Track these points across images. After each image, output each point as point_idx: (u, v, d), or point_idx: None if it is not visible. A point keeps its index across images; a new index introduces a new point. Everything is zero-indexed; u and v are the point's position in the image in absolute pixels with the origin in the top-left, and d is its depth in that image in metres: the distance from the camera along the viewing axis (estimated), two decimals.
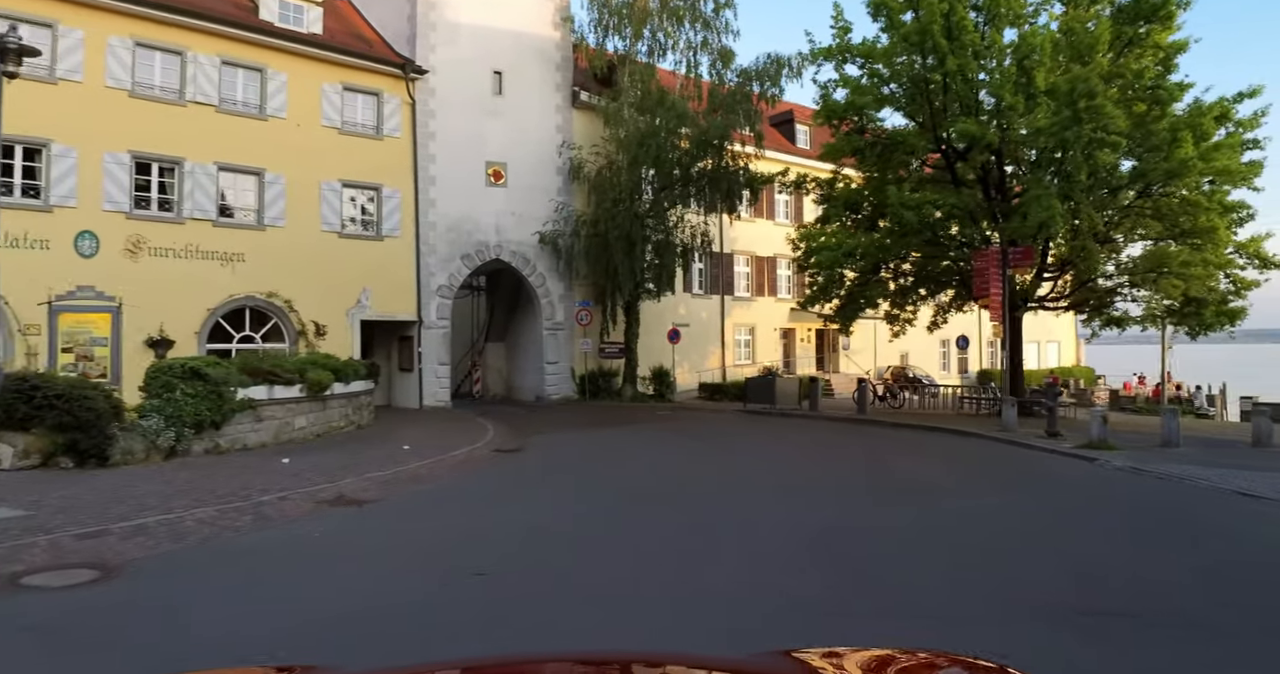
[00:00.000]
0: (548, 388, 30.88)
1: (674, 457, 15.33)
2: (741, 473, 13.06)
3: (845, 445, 16.96)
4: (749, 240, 37.69)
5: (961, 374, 47.48)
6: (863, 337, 41.49)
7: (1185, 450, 15.02)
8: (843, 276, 26.45)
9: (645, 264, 30.16)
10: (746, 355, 37.98)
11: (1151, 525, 8.91)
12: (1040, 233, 19.55)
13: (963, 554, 7.52)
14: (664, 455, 15.47)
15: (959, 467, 13.89)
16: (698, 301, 35.98)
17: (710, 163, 29.52)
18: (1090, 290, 24.18)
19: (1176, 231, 20.86)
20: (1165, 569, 6.91)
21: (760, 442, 17.84)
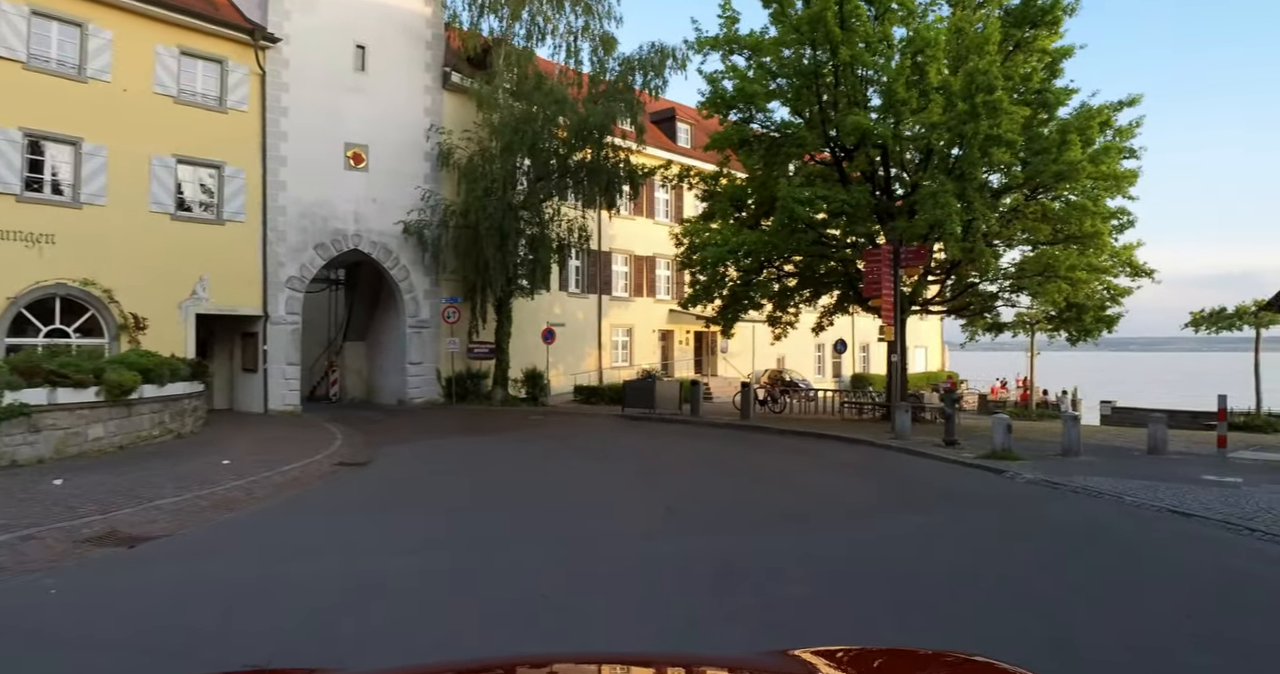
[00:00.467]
0: (410, 390, 28.43)
1: (545, 471, 13.43)
2: (624, 492, 11.31)
3: (735, 455, 15.50)
4: (628, 239, 36.13)
5: (836, 378, 47.32)
6: (741, 339, 40.55)
7: (1088, 460, 14.20)
8: (725, 276, 25.20)
9: (519, 259, 28.15)
10: (624, 357, 36.41)
11: (1105, 558, 7.64)
12: (933, 233, 18.68)
13: (909, 594, 6.00)
14: (533, 470, 13.55)
15: (864, 480, 12.54)
16: (574, 301, 34.16)
17: (589, 154, 27.75)
18: (973, 294, 23.67)
19: (1062, 236, 20.40)
20: (1158, 628, 5.54)
21: (641, 451, 16.20)
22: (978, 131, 17.60)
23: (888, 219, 20.50)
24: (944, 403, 16.46)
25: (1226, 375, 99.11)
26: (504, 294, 28.59)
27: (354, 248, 27.34)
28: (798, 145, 21.04)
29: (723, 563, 7.01)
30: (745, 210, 24.01)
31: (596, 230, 34.64)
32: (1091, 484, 11.39)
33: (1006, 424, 14.21)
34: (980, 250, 18.84)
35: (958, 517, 9.44)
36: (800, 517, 9.38)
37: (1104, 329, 21.68)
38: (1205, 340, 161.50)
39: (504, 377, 28.88)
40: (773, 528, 8.65)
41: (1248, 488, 11.39)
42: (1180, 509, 9.63)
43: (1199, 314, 27.58)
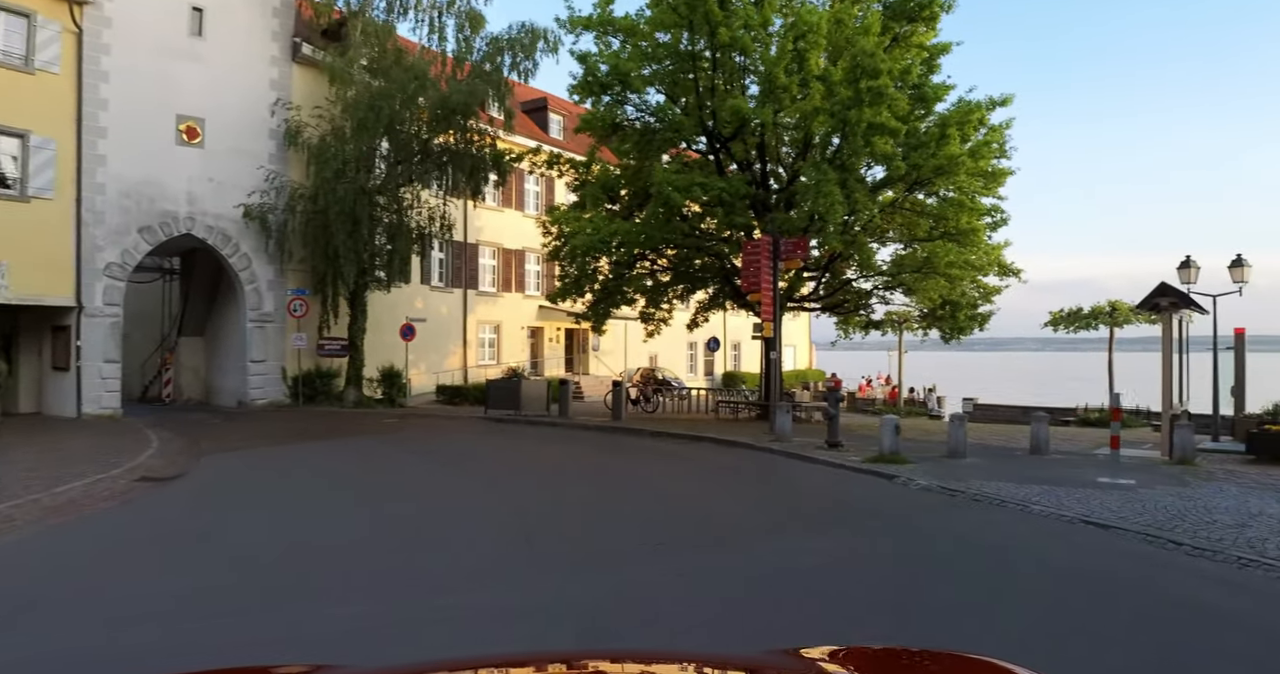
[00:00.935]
0: (252, 391, 25.69)
1: (386, 488, 11.51)
2: (476, 513, 9.59)
3: (607, 462, 13.97)
4: (496, 231, 34.14)
5: (708, 376, 46.60)
6: (614, 337, 39.17)
7: (975, 462, 13.38)
8: (595, 270, 23.75)
9: (375, 249, 25.86)
10: (491, 355, 34.41)
11: (1058, 593, 6.51)
12: (813, 224, 17.75)
13: None
14: (373, 486, 11.63)
15: (750, 490, 11.22)
16: (437, 295, 31.94)
17: (453, 137, 25.71)
18: (849, 292, 23.02)
19: (939, 232, 19.86)
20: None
21: (502, 459, 14.48)
22: (861, 119, 16.71)
23: (765, 211, 19.51)
24: (827, 403, 15.40)
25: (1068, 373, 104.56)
26: (358, 286, 26.24)
27: (186, 232, 24.43)
28: (674, 131, 19.74)
29: (590, 623, 5.45)
30: (619, 202, 22.60)
31: (462, 221, 32.57)
32: (990, 491, 10.44)
33: (895, 425, 13.21)
34: (861, 243, 18.00)
35: (861, 539, 8.18)
36: (685, 542, 7.93)
37: (976, 327, 21.36)
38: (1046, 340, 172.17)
39: (358, 376, 26.50)
40: (652, 561, 7.16)
41: (1144, 490, 10.70)
42: (1093, 519, 8.72)
43: (1058, 314, 27.91)
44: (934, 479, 11.36)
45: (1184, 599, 6.23)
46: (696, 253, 20.92)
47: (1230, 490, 11.05)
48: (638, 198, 20.48)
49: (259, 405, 25.38)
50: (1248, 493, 10.90)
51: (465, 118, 24.85)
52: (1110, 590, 6.40)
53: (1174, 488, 11.07)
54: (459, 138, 25.46)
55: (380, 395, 27.17)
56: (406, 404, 27.10)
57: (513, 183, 34.23)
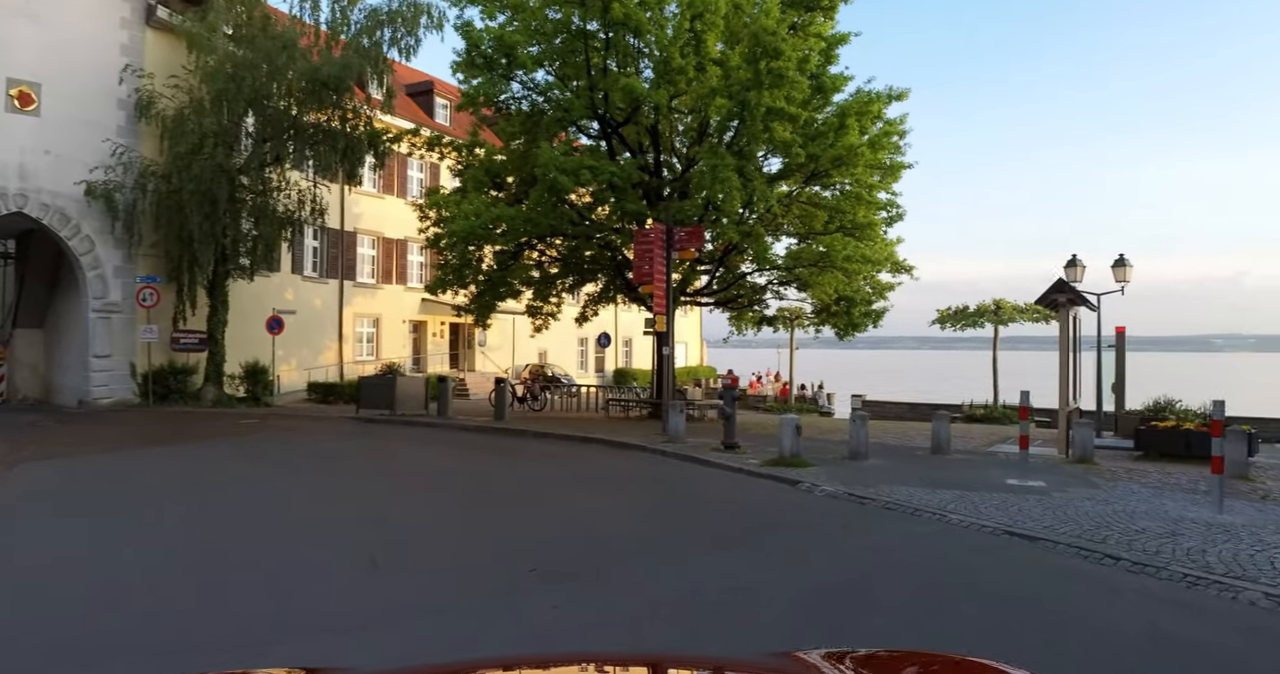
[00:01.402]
0: (95, 389, 23.05)
1: (223, 502, 9.77)
2: (319, 533, 8.00)
3: (485, 468, 12.49)
4: (376, 219, 32.02)
5: (599, 373, 45.44)
6: (501, 332, 37.55)
7: (879, 463, 12.52)
8: (478, 259, 22.19)
9: (237, 233, 23.59)
10: (370, 351, 32.29)
11: (1003, 622, 5.51)
12: (709, 212, 16.71)
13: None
14: (207, 499, 9.85)
15: (640, 499, 9.94)
16: (311, 286, 29.68)
17: (327, 115, 23.63)
18: (743, 286, 22.15)
19: (835, 226, 19.14)
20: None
21: (368, 464, 12.82)
22: (760, 102, 15.72)
23: (659, 200, 18.41)
24: (723, 402, 14.29)
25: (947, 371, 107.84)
26: (218, 274, 23.92)
27: (17, 211, 21.67)
28: (563, 113, 18.36)
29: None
30: (505, 188, 21.07)
31: (339, 207, 30.41)
32: (902, 497, 9.52)
33: (795, 425, 12.18)
34: (757, 235, 17.06)
35: (768, 559, 7.06)
36: (565, 566, 6.63)
37: (870, 323, 20.81)
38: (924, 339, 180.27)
39: (218, 372, 24.15)
40: (533, 595, 5.81)
41: (1057, 494, 9.97)
42: (1017, 530, 7.86)
43: (945, 312, 27.86)
44: (839, 484, 10.40)
45: (1141, 630, 5.31)
46: (586, 243, 19.59)
47: (1140, 492, 10.47)
48: (525, 185, 18.99)
49: (103, 405, 22.78)
50: (1159, 495, 10.32)
51: (339, 94, 22.84)
52: (1059, 621, 5.43)
53: (1085, 490, 10.42)
54: (331, 115, 23.42)
55: (244, 394, 24.88)
56: (273, 403, 24.89)
57: (394, 169, 32.21)
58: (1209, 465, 14.21)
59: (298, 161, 24.37)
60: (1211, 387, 24.69)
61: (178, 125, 22.36)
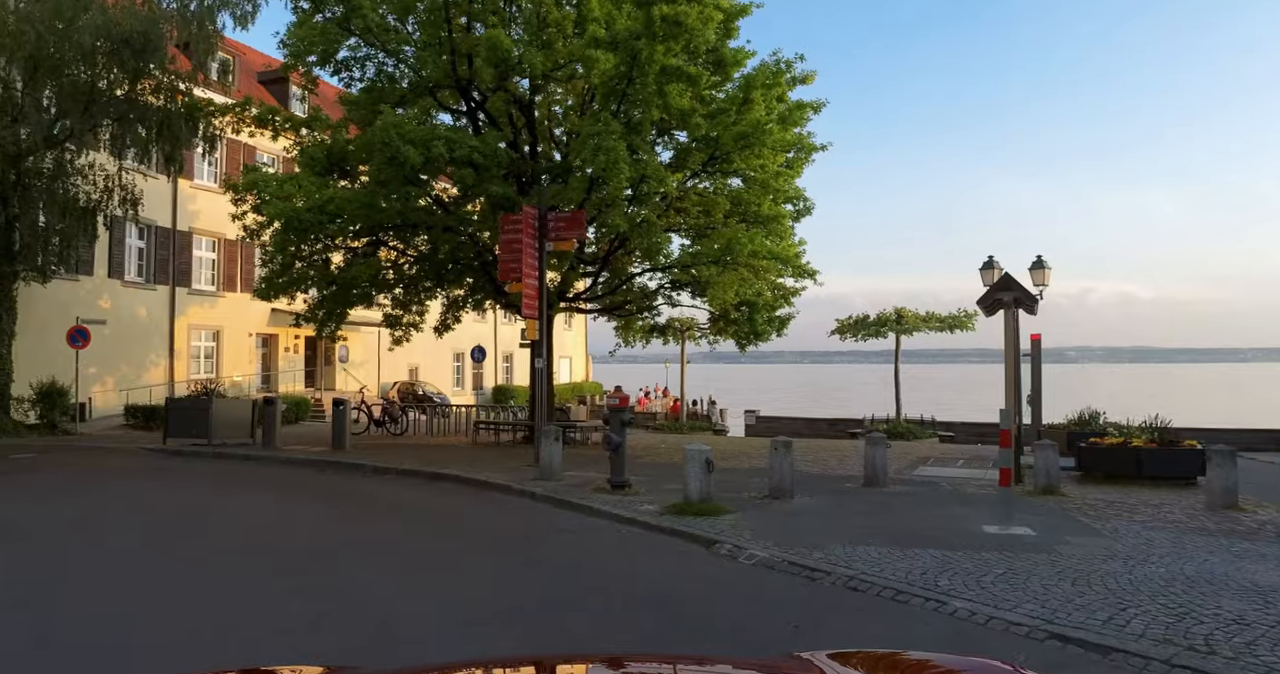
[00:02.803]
0: None
1: None
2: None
3: (288, 522, 8.75)
4: (215, 218, 27.41)
5: (477, 391, 41.61)
6: (365, 347, 33.37)
7: (809, 504, 9.50)
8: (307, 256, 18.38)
9: (30, 226, 19.08)
10: (209, 368, 27.69)
11: None
12: (593, 194, 13.58)
13: None
14: None
15: (485, 579, 6.36)
16: (133, 293, 24.99)
17: (138, 86, 19.31)
18: (631, 291, 19.06)
19: (735, 219, 16.25)
20: None
21: (130, 520, 8.86)
22: (653, 56, 12.71)
23: (532, 186, 15.18)
24: (610, 428, 10.94)
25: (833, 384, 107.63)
26: (3, 275, 19.32)
27: None
28: (417, 76, 14.87)
29: None
30: (352, 177, 17.32)
31: (170, 202, 25.93)
32: (865, 566, 6.45)
33: (706, 459, 9.08)
34: (650, 225, 13.99)
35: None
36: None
37: (774, 331, 18.03)
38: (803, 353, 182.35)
39: (1, 395, 19.45)
40: None
41: (1065, 548, 6.98)
42: (1066, 630, 4.83)
43: (845, 322, 25.50)
44: (771, 543, 7.31)
45: None
46: (446, 236, 16.04)
47: (1156, 538, 7.74)
48: (378, 173, 15.21)
49: None
50: (1180, 541, 7.54)
51: (145, 57, 18.58)
52: None
53: (1088, 539, 7.67)
54: (141, 86, 19.14)
55: (37, 419, 20.19)
56: (75, 431, 20.28)
57: (239, 161, 27.87)
58: (1175, 487, 12.12)
59: (101, 141, 19.97)
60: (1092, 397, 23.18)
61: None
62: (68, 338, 20.25)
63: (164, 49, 18.66)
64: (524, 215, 12.18)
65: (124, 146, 20.12)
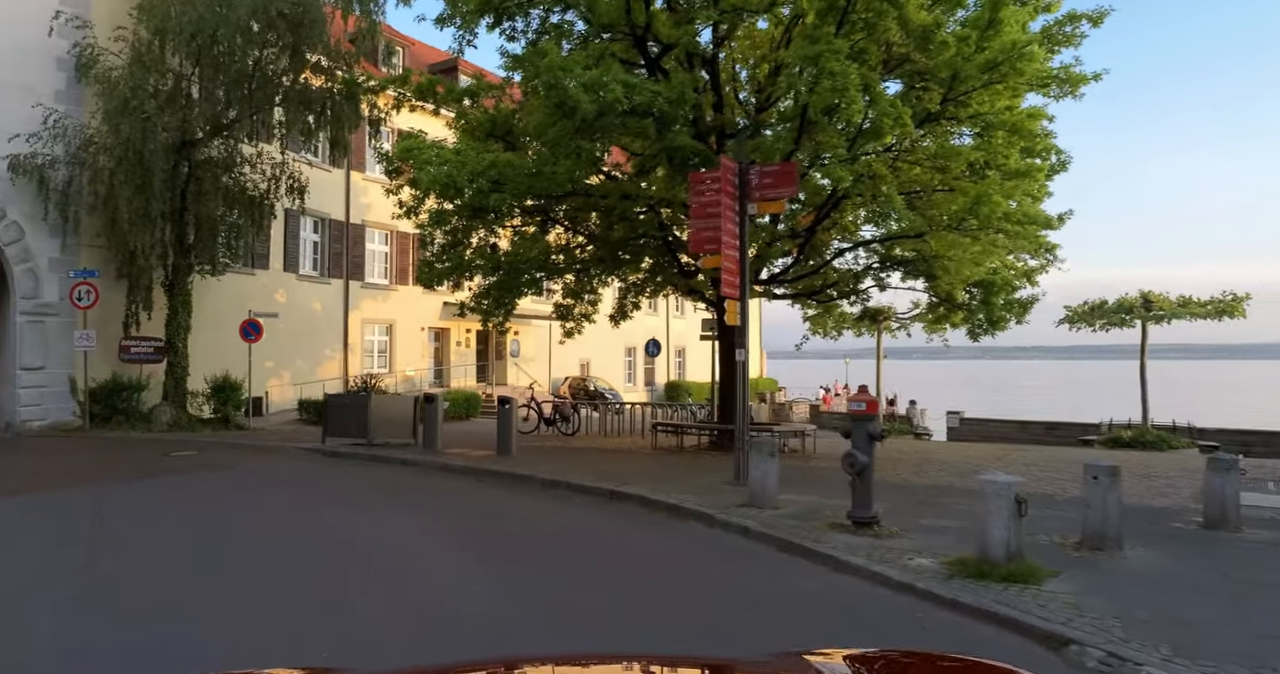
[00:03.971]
0: (24, 410, 17.91)
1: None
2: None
3: (419, 565, 6.66)
4: (387, 210, 26.66)
5: (648, 387, 39.70)
6: (535, 341, 32.00)
7: (1150, 558, 6.53)
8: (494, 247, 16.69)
9: (201, 218, 18.43)
10: (382, 362, 26.98)
11: None
12: (806, 136, 10.80)
13: None
14: None
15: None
16: (309, 287, 24.43)
17: (297, 65, 18.21)
18: (831, 271, 16.12)
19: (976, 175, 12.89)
20: None
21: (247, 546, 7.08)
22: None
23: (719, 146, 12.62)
24: (853, 443, 7.84)
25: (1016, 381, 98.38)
26: (177, 269, 18.82)
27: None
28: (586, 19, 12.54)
29: None
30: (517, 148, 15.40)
31: (344, 196, 25.24)
32: None
33: (1016, 498, 5.97)
34: (881, 177, 10.92)
35: None
36: None
37: (1015, 318, 14.65)
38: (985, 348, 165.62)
39: (179, 388, 18.91)
40: None
41: None
42: None
43: (1078, 309, 21.40)
44: (1164, 646, 4.40)
45: None
46: (622, 205, 13.56)
47: None
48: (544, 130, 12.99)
49: (34, 429, 17.74)
50: None
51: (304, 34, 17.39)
52: None
53: None
54: (301, 66, 18.04)
55: (211, 413, 19.66)
56: (248, 426, 19.60)
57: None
58: None
59: (268, 126, 19.10)
60: None
61: (125, 87, 17.25)
62: (240, 331, 19.56)
63: (323, 23, 17.44)
64: (721, 171, 9.65)
65: (289, 131, 19.22)
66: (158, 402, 18.73)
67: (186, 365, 18.98)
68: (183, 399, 18.94)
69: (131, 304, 18.55)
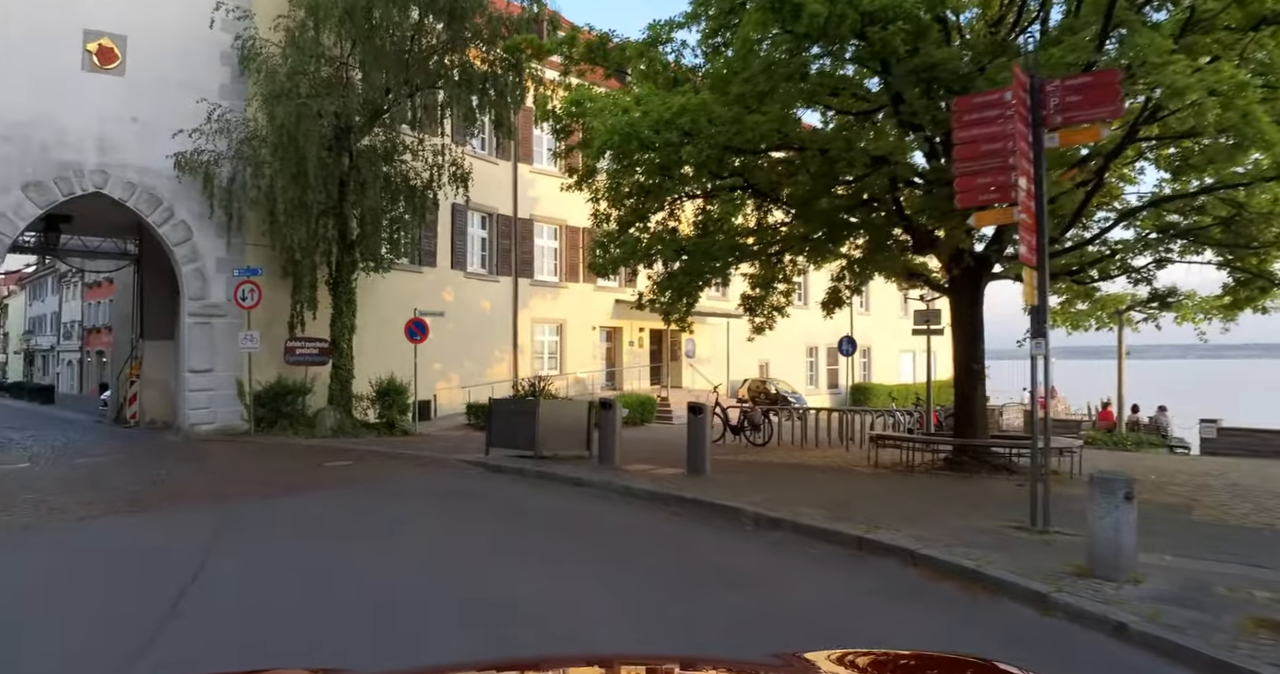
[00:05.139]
0: (192, 413, 17.18)
1: None
2: None
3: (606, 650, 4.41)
4: (556, 203, 25.00)
5: (831, 390, 36.29)
6: (710, 340, 29.47)
7: None
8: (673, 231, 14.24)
9: (364, 210, 17.16)
10: (552, 364, 25.25)
11: None
12: (1124, 48, 7.60)
13: None
14: None
15: None
16: (476, 285, 22.97)
17: (465, 39, 16.56)
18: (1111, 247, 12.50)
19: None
20: None
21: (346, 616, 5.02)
22: None
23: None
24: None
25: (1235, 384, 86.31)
26: (341, 266, 17.62)
27: (95, 191, 16.23)
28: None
29: None
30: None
31: (511, 189, 23.69)
32: None
33: None
34: (1242, 86, 7.47)
35: None
36: None
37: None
38: (1187, 346, 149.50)
39: (344, 391, 17.69)
40: None
41: None
42: None
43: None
44: None
45: None
46: (848, 157, 10.48)
47: None
48: (747, 59, 10.08)
49: (202, 433, 16.94)
50: None
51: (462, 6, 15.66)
52: None
53: None
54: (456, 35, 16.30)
55: (377, 418, 18.34)
56: (414, 431, 18.17)
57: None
58: None
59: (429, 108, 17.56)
60: None
61: (283, 78, 16.14)
62: (405, 331, 18.16)
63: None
64: (1012, 88, 6.65)
65: (450, 113, 17.64)
66: (323, 405, 17.57)
67: (351, 367, 17.73)
68: (347, 403, 17.69)
69: (296, 303, 17.44)
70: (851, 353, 23.55)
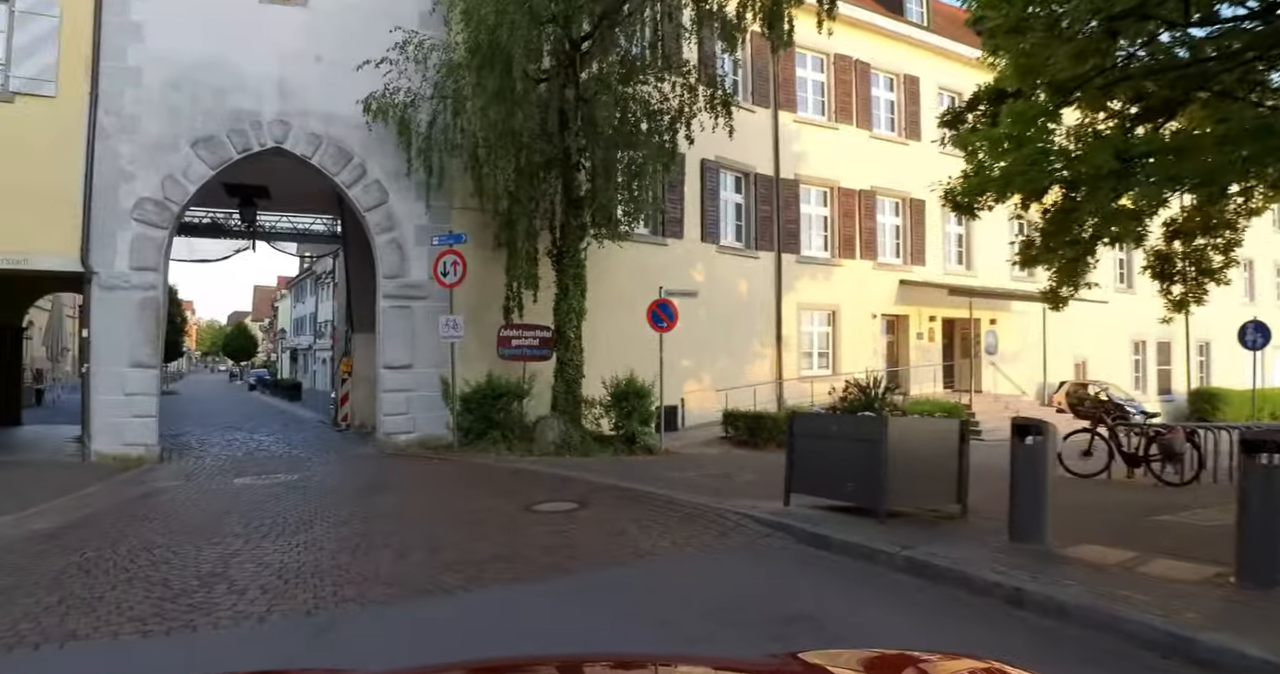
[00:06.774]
0: (387, 420, 13.52)
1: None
2: None
3: None
4: (825, 161, 19.55)
5: (1162, 396, 27.93)
6: (1012, 331, 22.70)
7: None
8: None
9: (597, 161, 12.78)
10: (822, 361, 19.80)
11: None
12: None
13: None
14: None
15: None
16: (729, 261, 18.02)
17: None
18: None
19: None
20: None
21: None
22: None
23: None
24: None
25: None
26: (566, 232, 13.31)
27: (275, 145, 12.94)
28: None
29: None
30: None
31: (771, 144, 18.61)
32: None
33: None
34: None
35: None
36: None
37: None
38: None
39: (571, 393, 13.31)
40: None
41: None
42: None
43: None
44: None
45: None
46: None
47: None
48: None
49: (399, 444, 13.24)
50: None
51: None
52: None
53: None
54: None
55: (612, 429, 13.81)
56: (659, 448, 13.50)
57: (853, 85, 19.70)
58: None
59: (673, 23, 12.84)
60: None
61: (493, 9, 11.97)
62: (648, 317, 13.53)
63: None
64: None
65: (701, 24, 12.78)
66: (544, 412, 13.29)
67: (580, 363, 13.34)
68: (574, 409, 13.32)
69: (511, 282, 13.30)
70: (1263, 345, 16.21)
